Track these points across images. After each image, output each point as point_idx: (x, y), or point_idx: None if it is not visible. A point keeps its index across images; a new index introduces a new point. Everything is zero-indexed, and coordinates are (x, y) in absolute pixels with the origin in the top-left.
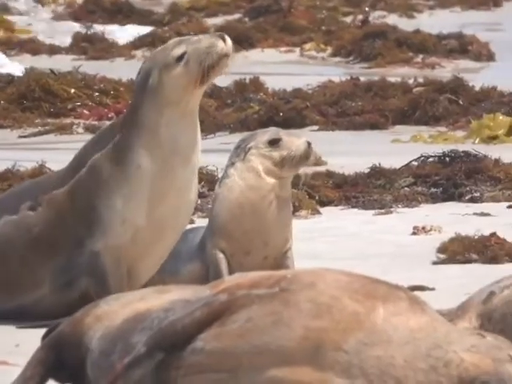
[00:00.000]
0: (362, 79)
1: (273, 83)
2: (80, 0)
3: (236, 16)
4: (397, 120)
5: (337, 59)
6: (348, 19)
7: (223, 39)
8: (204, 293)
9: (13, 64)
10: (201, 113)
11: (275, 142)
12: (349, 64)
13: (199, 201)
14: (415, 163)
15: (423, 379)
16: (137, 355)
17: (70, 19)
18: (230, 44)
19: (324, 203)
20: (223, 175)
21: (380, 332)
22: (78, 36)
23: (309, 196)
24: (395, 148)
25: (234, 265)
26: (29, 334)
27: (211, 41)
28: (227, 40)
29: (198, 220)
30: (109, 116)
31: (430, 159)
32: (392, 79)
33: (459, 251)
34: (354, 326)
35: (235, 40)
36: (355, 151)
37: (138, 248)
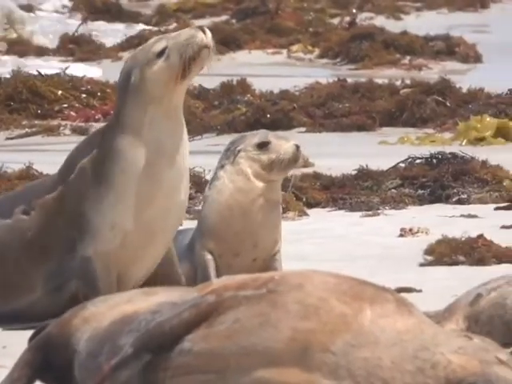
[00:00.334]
0: (349, 81)
1: (260, 85)
2: None
3: (223, 18)
4: (384, 122)
5: (324, 61)
6: (335, 21)
7: (203, 31)
8: (191, 295)
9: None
10: (188, 114)
11: (264, 145)
12: (336, 66)
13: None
14: (402, 165)
15: (410, 381)
16: (124, 356)
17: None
18: (210, 35)
19: (311, 205)
20: (213, 177)
21: (367, 333)
22: (65, 37)
23: (296, 198)
24: (382, 150)
25: (223, 266)
26: (16, 336)
27: (191, 33)
28: (207, 32)
29: (186, 222)
30: (96, 118)
31: (418, 161)
32: (379, 81)
33: (446, 253)
34: (342, 328)
35: (222, 42)
36: (342, 153)
37: (129, 252)
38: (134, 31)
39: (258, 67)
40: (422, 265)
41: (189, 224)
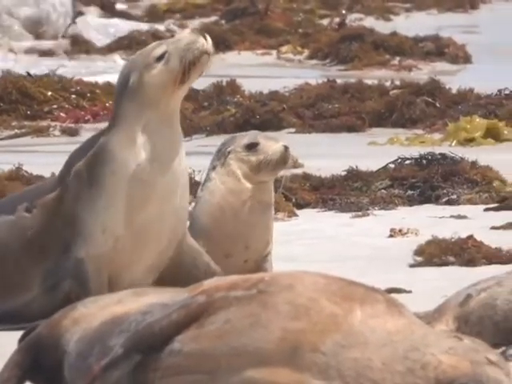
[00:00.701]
0: (339, 82)
1: (249, 86)
2: None
3: (213, 18)
4: (374, 122)
5: (313, 62)
6: (325, 22)
7: (203, 36)
8: (182, 295)
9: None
10: None
11: (253, 146)
12: (325, 66)
13: None
14: (392, 166)
15: (400, 381)
16: (114, 357)
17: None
18: (211, 42)
19: (301, 206)
20: (206, 178)
21: (357, 334)
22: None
23: (286, 198)
24: (372, 150)
25: None
26: (6, 337)
27: (191, 38)
28: (208, 38)
29: None
30: (85, 119)
31: (407, 162)
32: (369, 82)
33: (436, 254)
34: (332, 328)
35: (212, 42)
36: (332, 154)
37: (121, 256)
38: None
39: (248, 68)
40: (412, 265)
41: None
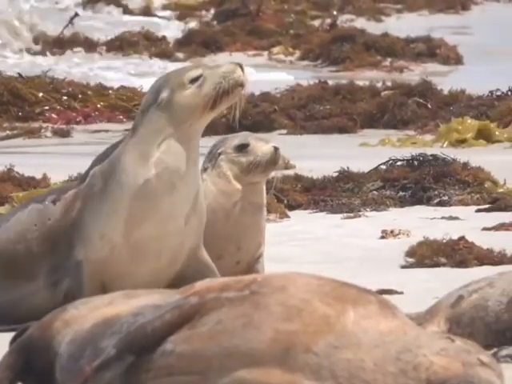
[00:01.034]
0: (330, 83)
1: None
2: None
3: (204, 19)
4: (365, 124)
5: (305, 63)
6: (316, 23)
7: (241, 68)
8: (174, 297)
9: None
10: None
11: (243, 148)
12: (317, 67)
13: None
14: (383, 167)
15: (392, 382)
16: (106, 357)
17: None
18: (247, 75)
19: (292, 207)
20: None
21: (350, 335)
22: (49, 38)
23: (277, 200)
24: (363, 152)
25: None
26: None
27: (230, 67)
28: (244, 70)
29: None
30: (77, 120)
31: (399, 163)
32: (360, 83)
33: (428, 255)
34: (324, 329)
35: (203, 44)
36: (323, 155)
37: (117, 265)
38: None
39: None
40: (404, 267)
41: None
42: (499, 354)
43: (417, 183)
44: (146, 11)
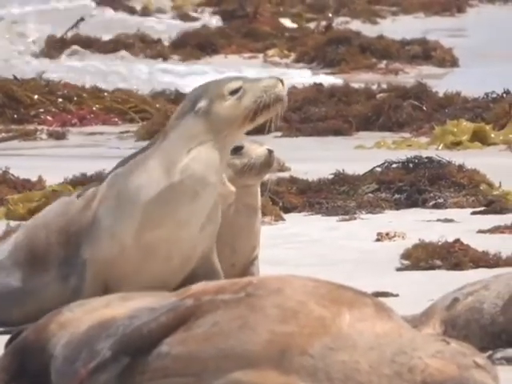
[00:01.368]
0: (326, 85)
1: None
2: None
3: (199, 23)
4: (360, 126)
5: (300, 65)
6: (311, 25)
7: (282, 83)
8: (169, 300)
9: None
10: (164, 119)
11: (237, 150)
12: (312, 70)
13: None
14: (379, 169)
15: None
16: (102, 359)
17: None
18: (286, 90)
19: (288, 209)
20: None
21: (345, 337)
22: (50, 40)
23: (272, 202)
24: (359, 154)
25: None
26: None
27: (271, 81)
28: (285, 85)
29: None
30: (72, 122)
31: (394, 165)
32: (355, 85)
33: (423, 257)
34: (320, 331)
35: (199, 46)
36: (319, 157)
37: (124, 266)
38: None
39: (234, 72)
40: (399, 269)
41: None
42: (494, 357)
43: (412, 186)
44: (145, 12)
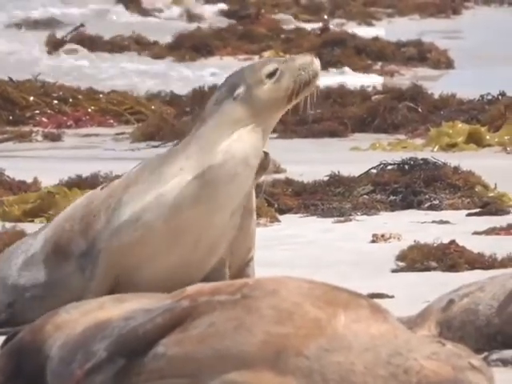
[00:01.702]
0: (321, 87)
1: None
2: None
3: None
4: (356, 128)
5: None
6: (307, 27)
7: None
8: (164, 301)
9: None
10: (159, 120)
11: None
12: None
13: None
14: (374, 171)
15: None
16: (98, 360)
17: None
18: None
19: (283, 211)
20: None
21: (341, 338)
22: (51, 41)
23: (268, 204)
24: (354, 156)
25: None
26: None
27: (307, 59)
28: (318, 60)
29: None
30: (68, 124)
31: (389, 167)
32: (351, 87)
33: (418, 259)
34: (316, 332)
35: (193, 48)
36: (314, 159)
37: (147, 250)
38: None
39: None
40: (394, 271)
41: None
42: (490, 358)
43: (407, 187)
44: (144, 12)
